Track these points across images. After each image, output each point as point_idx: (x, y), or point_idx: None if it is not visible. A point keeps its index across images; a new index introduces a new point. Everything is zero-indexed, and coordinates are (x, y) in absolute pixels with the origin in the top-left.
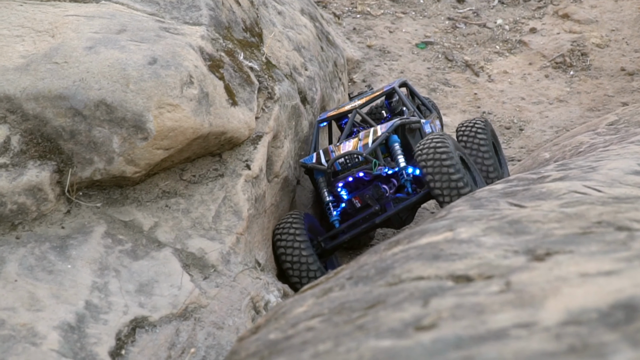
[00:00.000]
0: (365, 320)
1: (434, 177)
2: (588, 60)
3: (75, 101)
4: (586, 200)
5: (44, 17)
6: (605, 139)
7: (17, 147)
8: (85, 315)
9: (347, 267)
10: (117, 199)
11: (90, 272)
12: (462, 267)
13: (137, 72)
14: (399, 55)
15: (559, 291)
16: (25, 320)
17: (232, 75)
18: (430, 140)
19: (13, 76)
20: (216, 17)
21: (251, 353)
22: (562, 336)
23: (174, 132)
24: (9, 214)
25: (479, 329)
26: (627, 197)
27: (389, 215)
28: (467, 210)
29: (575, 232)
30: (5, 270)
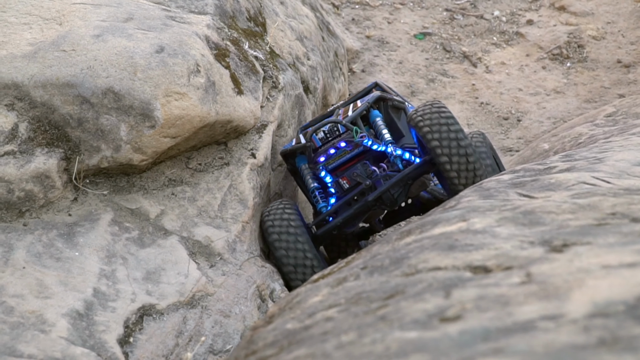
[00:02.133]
0: (387, 311)
1: (441, 144)
2: (584, 52)
3: (83, 89)
4: (597, 192)
5: (51, 5)
6: (605, 130)
7: (25, 135)
8: (94, 303)
9: (360, 256)
10: (124, 186)
11: (98, 259)
12: (480, 257)
13: (144, 61)
14: (398, 45)
15: (583, 283)
16: (34, 308)
17: (238, 64)
18: (430, 105)
19: (21, 63)
20: (221, 6)
21: (269, 343)
22: (590, 329)
23: (181, 121)
24: (16, 201)
25: (506, 320)
26: (638, 188)
27: (382, 192)
28: (477, 201)
29: (591, 224)
30: (13, 257)
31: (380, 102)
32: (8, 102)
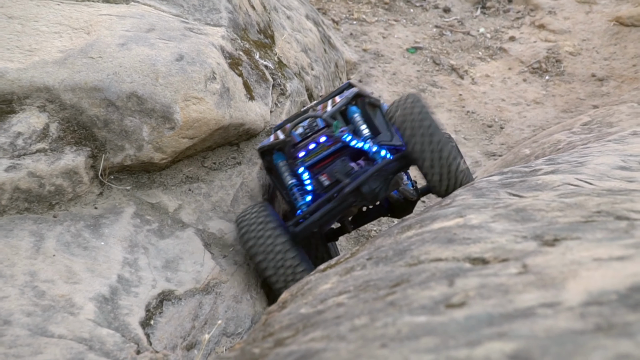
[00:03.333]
0: (395, 298)
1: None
2: (562, 67)
3: (109, 93)
4: (582, 192)
5: (79, 16)
6: (581, 138)
7: (55, 134)
8: (118, 288)
9: (364, 248)
10: (145, 182)
11: (122, 249)
12: (478, 250)
13: (165, 68)
14: (392, 58)
15: (577, 274)
16: (63, 292)
17: (250, 72)
18: (406, 98)
19: (52, 69)
20: (234, 19)
21: (285, 326)
22: (586, 315)
23: (198, 123)
24: (47, 195)
25: (507, 307)
26: (619, 189)
27: (360, 183)
28: (471, 199)
29: (578, 220)
30: (44, 245)
31: (358, 99)
32: (40, 104)
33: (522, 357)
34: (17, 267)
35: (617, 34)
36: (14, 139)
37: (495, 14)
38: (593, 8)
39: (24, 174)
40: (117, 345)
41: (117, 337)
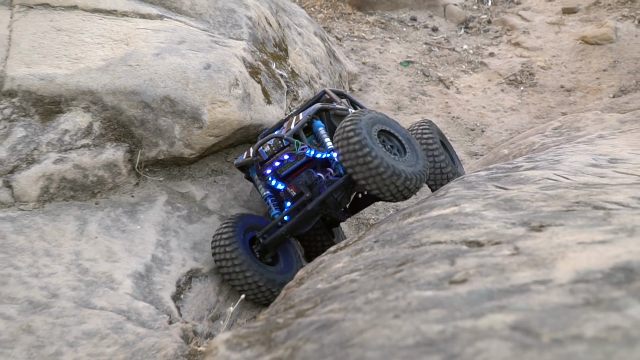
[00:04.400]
0: (403, 275)
1: (344, 158)
2: (535, 79)
3: (145, 96)
4: (560, 185)
5: (119, 29)
6: (553, 140)
7: (98, 131)
8: (152, 267)
9: (370, 233)
10: (176, 174)
11: (155, 232)
12: (473, 234)
13: (195, 75)
14: (387, 70)
15: (565, 255)
16: (104, 269)
17: (267, 80)
18: (343, 124)
19: (95, 75)
20: (254, 34)
21: (304, 299)
22: (575, 292)
23: (223, 123)
24: (90, 184)
25: (505, 284)
26: (593, 183)
27: (322, 199)
28: (462, 190)
29: (560, 210)
30: (87, 229)
31: (322, 112)
32: (85, 105)
33: (522, 327)
34: (64, 248)
35: (582, 51)
36: (61, 135)
37: (476, 33)
38: (562, 29)
39: (70, 166)
40: (151, 316)
41: (152, 309)
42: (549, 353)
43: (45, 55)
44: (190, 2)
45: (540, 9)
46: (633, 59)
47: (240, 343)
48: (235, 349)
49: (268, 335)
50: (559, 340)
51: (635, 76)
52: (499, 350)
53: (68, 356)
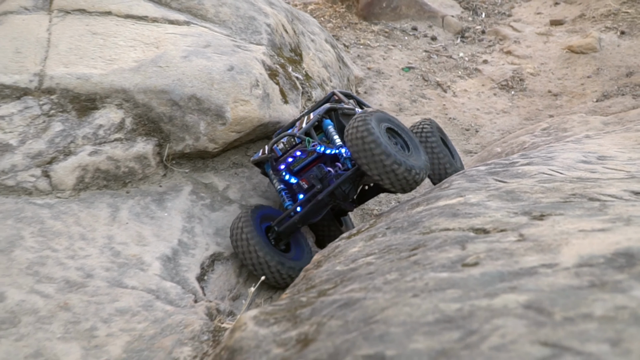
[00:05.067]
0: (417, 258)
1: (359, 156)
2: (524, 84)
3: (174, 95)
4: (556, 179)
5: (150, 34)
6: (542, 140)
7: (130, 127)
8: (178, 250)
9: (381, 220)
10: (200, 167)
11: (181, 219)
12: (479, 222)
13: (219, 76)
14: (390, 75)
15: (568, 241)
16: (135, 252)
17: (284, 81)
18: (355, 120)
19: (128, 75)
20: (272, 40)
21: (324, 280)
22: (580, 274)
23: (244, 120)
24: (122, 175)
25: (514, 267)
26: (586, 178)
27: (331, 190)
28: (465, 183)
29: (558, 201)
30: (119, 215)
31: (331, 112)
32: (118, 102)
33: (535, 306)
34: (98, 232)
35: (568, 59)
36: (96, 130)
37: (472, 42)
38: (550, 39)
39: (103, 158)
40: (178, 295)
41: (179, 289)
42: (562, 330)
43: (81, 56)
44: (215, 10)
45: (530, 20)
46: (615, 66)
47: (267, 319)
48: (263, 325)
49: (293, 312)
50: (570, 319)
51: (616, 82)
52: (514, 327)
53: (102, 331)
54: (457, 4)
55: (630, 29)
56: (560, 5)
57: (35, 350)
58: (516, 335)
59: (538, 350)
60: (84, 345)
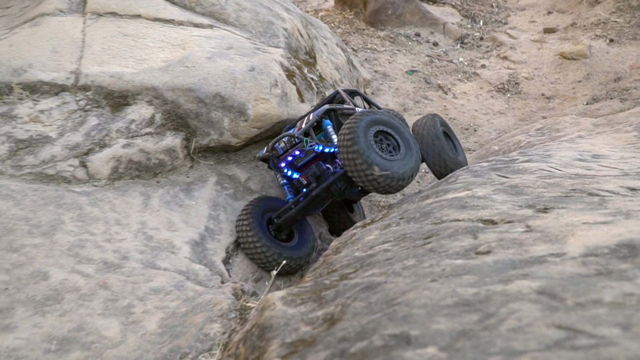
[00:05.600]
0: (432, 246)
1: (345, 163)
2: (519, 88)
3: (200, 93)
4: (555, 175)
5: (177, 36)
6: (537, 139)
7: (159, 122)
8: (205, 236)
9: (393, 211)
10: (224, 159)
11: (207, 207)
12: (487, 214)
13: (241, 76)
14: (395, 78)
15: (574, 233)
16: (166, 237)
17: (301, 82)
18: (343, 127)
19: (157, 74)
20: (289, 43)
21: (344, 265)
22: (587, 263)
23: (265, 117)
24: (152, 166)
25: (525, 255)
26: (584, 174)
27: (325, 187)
28: (470, 178)
29: (560, 195)
30: (150, 203)
31: (331, 112)
32: (148, 99)
33: (547, 292)
34: (131, 218)
35: (560, 65)
36: (128, 124)
37: (470, 48)
38: (543, 45)
39: (136, 150)
40: (206, 276)
41: (207, 271)
42: (575, 315)
43: (114, 56)
44: (236, 15)
45: (524, 28)
46: (604, 72)
47: (294, 300)
48: (290, 305)
49: (318, 294)
50: (581, 304)
51: (605, 87)
52: (530, 311)
53: (139, 308)
54: (457, 12)
55: (618, 37)
56: (553, 15)
57: (78, 325)
58: (532, 318)
59: (554, 332)
60: (122, 320)
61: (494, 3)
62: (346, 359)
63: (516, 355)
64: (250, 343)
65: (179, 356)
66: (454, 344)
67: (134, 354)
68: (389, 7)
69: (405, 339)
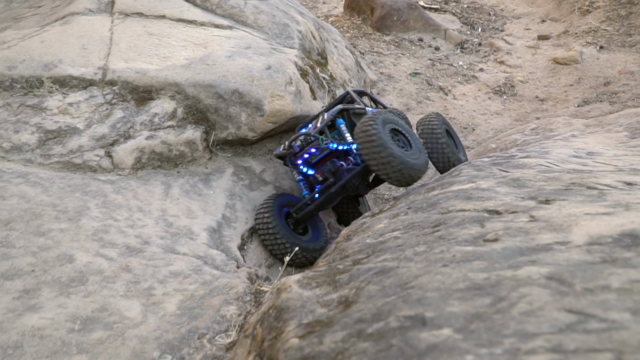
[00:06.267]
0: (441, 234)
1: (368, 158)
2: (515, 90)
3: (219, 89)
4: (554, 170)
5: (199, 36)
6: (532, 138)
7: (181, 115)
8: (222, 223)
9: (400, 202)
10: (240, 152)
11: (224, 196)
12: (492, 205)
13: (258, 74)
14: (399, 79)
15: (577, 223)
16: (185, 224)
17: (313, 81)
18: (362, 123)
19: (180, 70)
20: (303, 44)
21: (357, 251)
22: (592, 251)
23: (279, 113)
24: (174, 157)
25: (531, 243)
26: (581, 170)
27: (342, 184)
28: (473, 172)
29: (560, 188)
30: (171, 192)
31: (344, 112)
32: (171, 94)
33: (556, 278)
34: (153, 206)
35: (553, 69)
36: (152, 117)
37: (470, 52)
38: (537, 51)
39: (158, 141)
40: (223, 261)
41: (223, 256)
42: (584, 299)
43: (139, 53)
44: (254, 17)
45: (520, 35)
46: (594, 76)
47: (309, 283)
48: (306, 288)
49: (332, 277)
50: (590, 289)
51: (595, 90)
52: (540, 295)
53: (159, 290)
54: (457, 19)
55: (608, 44)
56: (547, 23)
57: (101, 306)
58: (542, 302)
59: (565, 316)
60: (144, 302)
61: (491, 12)
62: (363, 339)
63: (530, 338)
64: (268, 324)
65: (196, 336)
66: (468, 326)
67: (154, 333)
68: (394, 14)
69: (421, 321)
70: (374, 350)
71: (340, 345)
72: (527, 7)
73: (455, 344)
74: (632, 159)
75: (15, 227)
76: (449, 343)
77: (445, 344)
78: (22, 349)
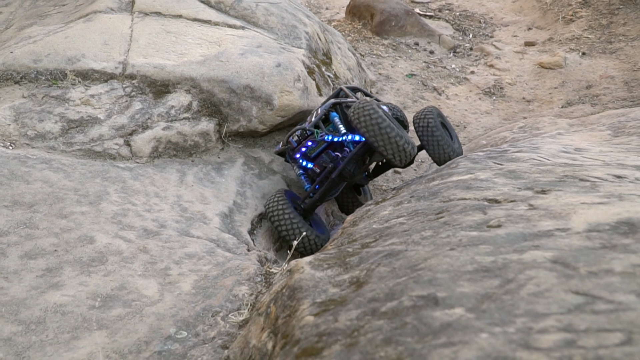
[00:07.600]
0: (446, 220)
1: (367, 130)
2: (504, 91)
3: (232, 84)
4: (547, 163)
5: (213, 34)
6: (520, 135)
7: (195, 108)
8: (233, 209)
9: (403, 191)
10: (251, 143)
11: (235, 184)
12: (491, 194)
13: (269, 70)
14: (397, 80)
15: (575, 211)
16: (199, 209)
17: (319, 78)
18: (357, 104)
19: (195, 66)
20: (309, 45)
21: (364, 235)
22: (592, 238)
23: (288, 107)
24: (188, 147)
25: (533, 229)
26: (572, 163)
27: (340, 170)
28: (470, 164)
29: (555, 180)
30: (186, 179)
31: (336, 106)
32: (186, 88)
33: (561, 262)
34: (169, 192)
35: (539, 73)
36: (168, 109)
37: (462, 56)
38: (524, 56)
39: (174, 132)
40: (235, 245)
41: (235, 240)
42: (589, 282)
43: (157, 50)
44: (264, 18)
45: (508, 41)
46: (577, 80)
47: (321, 264)
48: (318, 269)
49: (343, 260)
50: (594, 273)
51: (578, 93)
52: (546, 277)
53: (175, 271)
54: (450, 26)
55: (590, 50)
56: (533, 30)
57: (120, 284)
58: (549, 284)
59: (572, 297)
60: (160, 281)
61: (482, 19)
62: (378, 317)
63: (541, 317)
64: (281, 302)
65: (210, 314)
66: (479, 306)
67: (171, 311)
68: (392, 20)
69: (433, 300)
70: (389, 328)
71: (356, 323)
72: (515, 16)
73: (469, 322)
74: (618, 155)
75: (39, 210)
76: (463, 322)
77: (459, 323)
78: (44, 324)
